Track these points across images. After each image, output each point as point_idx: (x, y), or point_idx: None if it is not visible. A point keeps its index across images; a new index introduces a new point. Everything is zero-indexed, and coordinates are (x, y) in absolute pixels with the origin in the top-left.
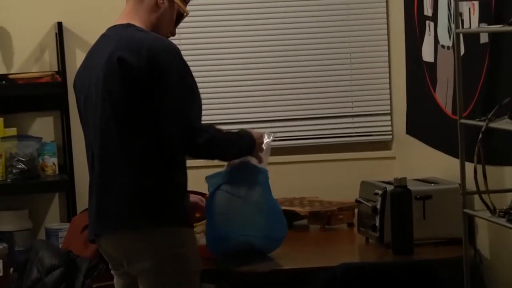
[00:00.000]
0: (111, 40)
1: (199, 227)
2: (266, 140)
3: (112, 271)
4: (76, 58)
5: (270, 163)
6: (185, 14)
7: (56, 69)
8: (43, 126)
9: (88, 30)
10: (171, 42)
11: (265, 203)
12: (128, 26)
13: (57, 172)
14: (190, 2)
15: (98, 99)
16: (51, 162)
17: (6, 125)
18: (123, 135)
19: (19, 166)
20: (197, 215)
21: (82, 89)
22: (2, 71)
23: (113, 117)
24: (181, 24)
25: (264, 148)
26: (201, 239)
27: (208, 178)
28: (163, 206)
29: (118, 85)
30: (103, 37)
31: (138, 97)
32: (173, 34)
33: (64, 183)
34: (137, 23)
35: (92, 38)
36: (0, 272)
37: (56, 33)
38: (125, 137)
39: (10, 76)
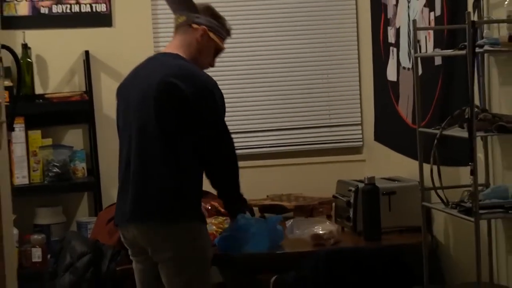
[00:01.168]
0: (162, 66)
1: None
2: None
3: (131, 257)
4: (101, 80)
5: (261, 166)
6: (222, 49)
7: (84, 89)
8: (74, 137)
9: (110, 57)
10: (212, 78)
11: (273, 229)
12: (177, 56)
13: (85, 175)
14: None
15: (144, 111)
16: (80, 167)
17: (43, 136)
18: (162, 144)
19: (55, 170)
20: None
21: (124, 98)
22: (39, 91)
23: (155, 129)
24: None
25: None
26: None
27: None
28: (186, 206)
29: (167, 105)
30: (152, 60)
31: (181, 117)
32: (212, 65)
33: (92, 184)
34: (182, 54)
35: (113, 63)
36: (40, 258)
37: (84, 60)
38: (163, 146)
39: (46, 96)
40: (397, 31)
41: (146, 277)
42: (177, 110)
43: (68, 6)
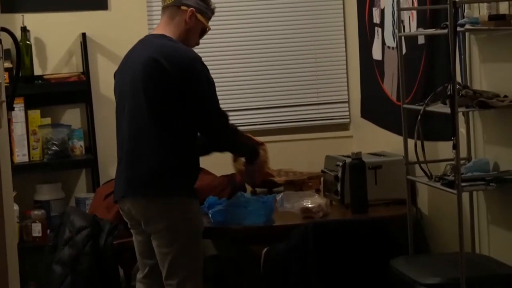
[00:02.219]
0: (148, 46)
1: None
2: None
3: (131, 230)
4: (97, 61)
5: None
6: (207, 29)
7: (81, 70)
8: (72, 116)
9: (106, 39)
10: (196, 53)
11: (270, 208)
12: (163, 36)
13: (83, 152)
14: None
15: (134, 91)
16: (78, 145)
17: (42, 116)
18: (152, 121)
19: (54, 148)
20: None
21: (119, 80)
22: (38, 72)
23: (145, 107)
24: None
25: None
26: None
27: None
28: (177, 181)
29: (152, 82)
30: (141, 42)
31: (168, 93)
32: (198, 44)
33: (90, 161)
34: (169, 34)
35: (109, 45)
36: (40, 233)
37: (81, 42)
38: (154, 123)
39: (45, 77)
40: (382, 12)
41: (145, 248)
42: (163, 86)
43: None
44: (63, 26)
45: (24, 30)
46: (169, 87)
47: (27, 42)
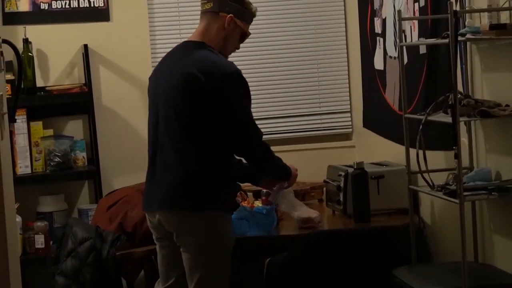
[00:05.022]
0: (187, 57)
1: None
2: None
3: (155, 241)
4: (99, 72)
5: None
6: (247, 33)
7: (83, 81)
8: (74, 127)
9: (108, 50)
10: (235, 66)
11: (271, 219)
12: (201, 44)
13: (86, 163)
14: None
15: (168, 103)
16: (81, 156)
17: (44, 127)
18: (185, 135)
19: (56, 160)
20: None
21: (153, 86)
22: (40, 84)
23: (177, 120)
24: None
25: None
26: None
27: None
28: (211, 196)
29: (187, 97)
30: (179, 48)
31: (202, 108)
32: (238, 48)
33: (92, 172)
34: (207, 41)
35: (111, 56)
36: (43, 244)
37: (83, 53)
38: (186, 137)
39: (47, 88)
40: (383, 22)
41: (169, 261)
42: (198, 101)
43: (67, 1)
44: (65, 38)
45: (26, 42)
46: (205, 102)
47: (29, 53)
